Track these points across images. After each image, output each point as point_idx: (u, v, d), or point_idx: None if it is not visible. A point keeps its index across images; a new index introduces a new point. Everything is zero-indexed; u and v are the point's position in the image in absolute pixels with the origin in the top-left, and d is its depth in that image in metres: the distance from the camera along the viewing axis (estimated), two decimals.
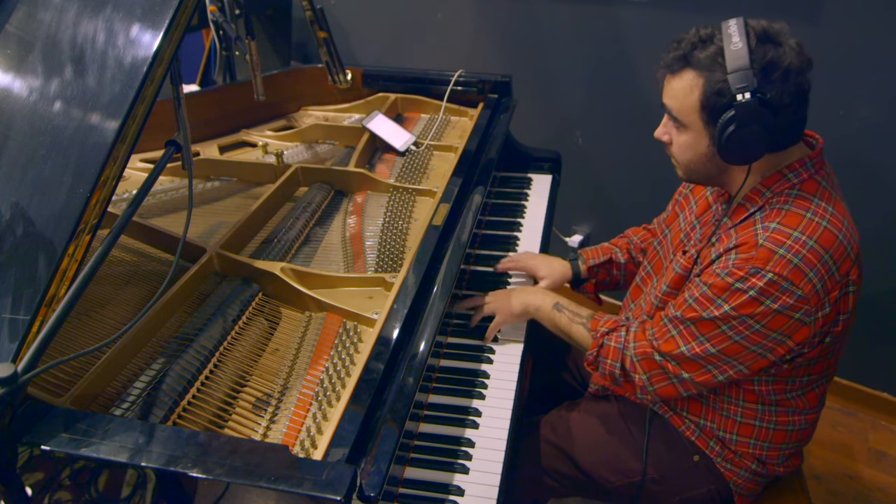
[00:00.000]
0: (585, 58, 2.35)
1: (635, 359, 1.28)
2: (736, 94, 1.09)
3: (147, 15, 1.02)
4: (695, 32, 1.16)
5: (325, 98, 2.13)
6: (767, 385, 1.28)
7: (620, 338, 1.32)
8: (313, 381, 1.17)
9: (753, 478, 1.37)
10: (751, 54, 1.08)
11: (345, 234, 1.56)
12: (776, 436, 1.33)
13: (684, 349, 1.21)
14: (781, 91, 1.09)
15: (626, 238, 1.70)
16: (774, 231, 1.13)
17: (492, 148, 1.79)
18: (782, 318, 1.13)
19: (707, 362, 1.21)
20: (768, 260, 1.11)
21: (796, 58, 1.10)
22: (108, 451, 0.89)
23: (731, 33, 1.10)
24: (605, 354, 1.33)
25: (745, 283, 1.12)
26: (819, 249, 1.11)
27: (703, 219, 1.36)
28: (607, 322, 1.36)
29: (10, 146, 1.07)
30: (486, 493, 1.17)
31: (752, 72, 1.07)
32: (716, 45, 1.12)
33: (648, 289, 1.48)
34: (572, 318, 1.40)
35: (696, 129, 1.17)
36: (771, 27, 1.12)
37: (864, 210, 2.02)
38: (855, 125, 1.95)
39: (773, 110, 1.09)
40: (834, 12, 1.87)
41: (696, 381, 1.23)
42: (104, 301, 1.30)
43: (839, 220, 1.14)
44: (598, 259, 1.66)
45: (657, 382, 1.27)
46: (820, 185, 1.18)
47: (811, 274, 1.11)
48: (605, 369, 1.33)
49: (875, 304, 2.12)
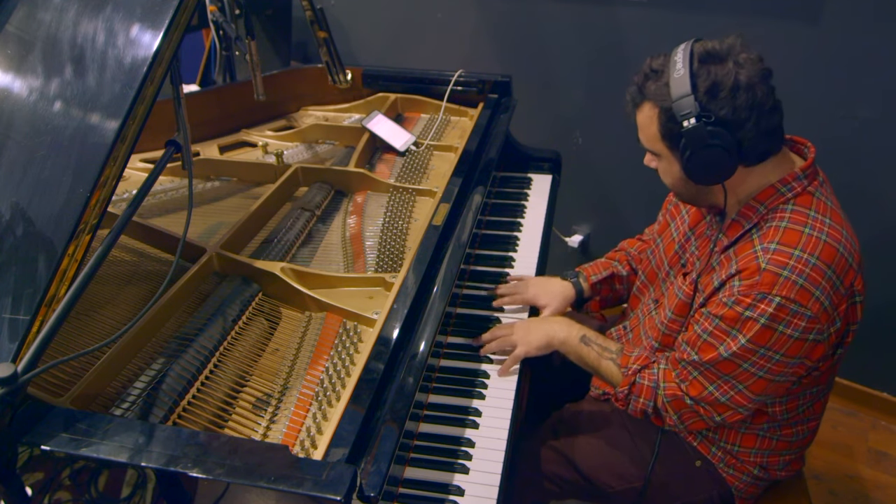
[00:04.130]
0: (585, 58, 2.35)
1: (666, 400, 1.25)
2: (682, 120, 1.10)
3: (147, 15, 1.02)
4: (648, 64, 1.18)
5: (325, 98, 2.13)
6: (781, 405, 1.27)
7: (654, 376, 1.28)
8: (313, 381, 1.17)
9: (755, 482, 1.37)
10: (693, 79, 1.09)
11: (345, 234, 1.56)
12: (779, 445, 1.33)
13: (712, 389, 1.19)
14: (733, 108, 1.09)
15: (622, 251, 1.66)
16: (775, 252, 1.11)
17: (492, 148, 1.79)
18: (798, 343, 1.11)
19: (738, 404, 1.19)
20: (773, 284, 1.09)
21: (746, 72, 1.09)
22: (108, 451, 0.89)
23: (676, 60, 1.12)
24: (638, 393, 1.29)
25: (755, 311, 1.10)
26: (822, 266, 1.09)
27: (698, 230, 1.35)
28: (638, 359, 1.31)
29: (10, 146, 1.07)
30: (486, 493, 1.17)
31: (693, 97, 1.08)
32: (665, 74, 1.13)
33: (646, 299, 1.48)
34: (601, 354, 1.35)
35: (667, 157, 1.20)
36: (716, 47, 1.12)
37: (864, 210, 2.03)
38: (855, 125, 1.95)
39: (729, 128, 1.09)
40: (834, 12, 1.87)
41: (728, 421, 1.23)
42: (104, 301, 1.30)
43: (838, 232, 1.13)
44: (600, 275, 1.61)
45: (688, 421, 1.25)
46: (814, 196, 1.16)
47: (818, 292, 1.09)
48: (637, 407, 1.29)
49: (875, 305, 2.11)
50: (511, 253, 1.73)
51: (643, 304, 1.48)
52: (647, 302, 1.46)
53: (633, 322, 1.50)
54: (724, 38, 1.13)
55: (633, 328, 1.51)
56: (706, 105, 1.09)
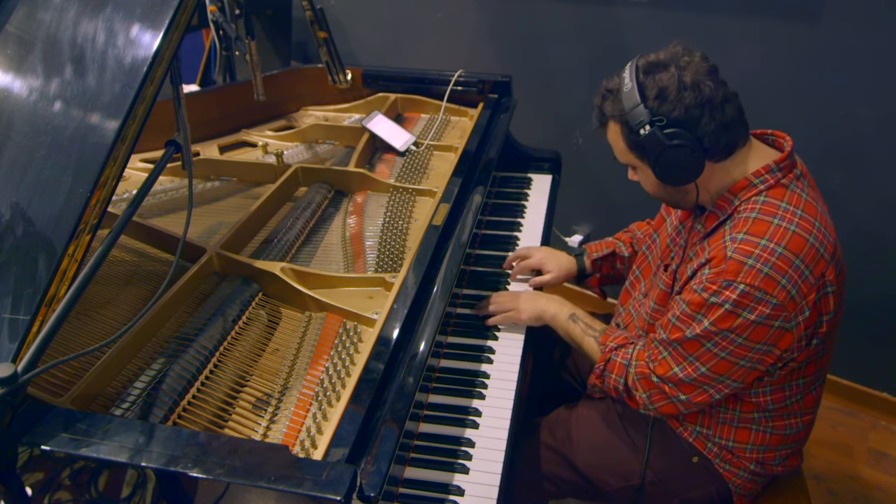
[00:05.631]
0: (585, 58, 2.35)
1: (636, 377, 1.30)
2: (638, 129, 1.16)
3: (147, 15, 1.02)
4: (603, 86, 1.25)
5: (325, 98, 2.14)
6: (766, 396, 1.28)
7: (627, 354, 1.33)
8: (313, 381, 1.17)
9: (752, 478, 1.37)
10: (640, 89, 1.16)
11: (345, 234, 1.56)
12: (773, 439, 1.33)
13: (677, 370, 1.23)
14: (684, 107, 1.14)
15: (629, 232, 1.71)
16: (742, 242, 1.14)
17: (492, 148, 1.79)
18: (762, 329, 1.14)
19: (701, 383, 1.23)
20: (738, 272, 1.12)
21: (689, 72, 1.15)
22: (108, 451, 0.89)
23: (625, 76, 1.19)
24: (611, 370, 1.34)
25: (720, 297, 1.14)
26: (789, 255, 1.12)
27: (687, 224, 1.38)
28: (617, 338, 1.37)
29: (10, 146, 1.07)
30: (486, 493, 1.17)
31: (643, 105, 1.15)
32: (619, 91, 1.20)
33: (637, 294, 1.50)
34: (585, 330, 1.42)
35: (641, 167, 1.26)
36: (658, 57, 1.18)
37: (864, 210, 2.03)
38: (855, 125, 1.95)
39: (685, 126, 1.15)
40: (834, 12, 1.87)
41: (693, 401, 1.25)
42: (104, 301, 1.30)
43: (809, 223, 1.15)
44: (601, 252, 1.67)
45: (657, 402, 1.28)
46: (788, 188, 1.19)
47: (783, 280, 1.11)
48: (610, 384, 1.34)
49: (874, 305, 2.12)
50: (511, 253, 1.73)
51: (633, 299, 1.51)
52: (638, 297, 1.48)
53: (626, 318, 1.51)
54: (667, 48, 1.20)
55: (626, 325, 1.51)
56: (657, 110, 1.15)
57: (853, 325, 1.23)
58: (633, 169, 1.29)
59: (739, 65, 1.96)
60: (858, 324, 2.09)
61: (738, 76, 1.28)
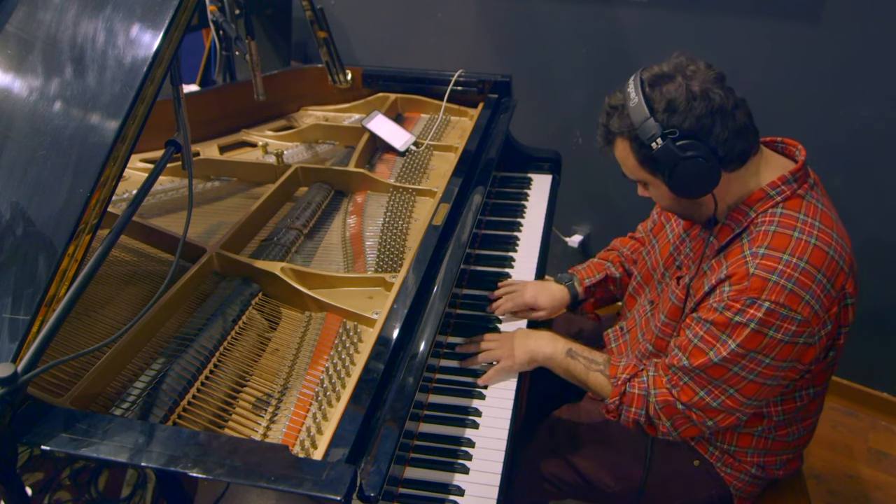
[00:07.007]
0: (585, 58, 2.35)
1: (658, 407, 1.25)
2: (650, 144, 1.12)
3: (147, 15, 1.02)
4: (607, 103, 1.21)
5: (325, 98, 2.13)
6: (776, 406, 1.27)
7: (644, 384, 1.28)
8: (313, 381, 1.17)
9: (753, 481, 1.37)
10: (648, 102, 1.12)
11: (345, 234, 1.56)
12: (775, 445, 1.33)
13: (703, 394, 1.20)
14: (695, 117, 1.11)
15: (615, 251, 1.67)
16: (764, 257, 1.12)
17: (492, 148, 1.79)
18: (789, 347, 1.12)
19: (729, 407, 1.19)
20: (763, 289, 1.10)
21: (697, 81, 1.12)
22: (108, 451, 0.89)
23: (630, 91, 1.15)
24: (629, 403, 1.28)
25: (745, 316, 1.11)
26: (811, 270, 1.10)
27: (692, 232, 1.35)
28: (627, 368, 1.31)
29: (10, 146, 1.07)
30: (486, 493, 1.17)
31: (653, 118, 1.12)
32: (625, 107, 1.16)
33: (642, 300, 1.48)
34: (588, 366, 1.35)
35: (653, 182, 1.21)
36: (663, 69, 1.15)
37: (865, 210, 2.03)
38: (855, 126, 1.95)
39: (698, 137, 1.11)
40: (834, 12, 1.87)
41: (720, 425, 1.23)
42: (104, 301, 1.30)
43: (828, 235, 1.13)
44: (594, 278, 1.62)
45: (681, 427, 1.25)
46: (804, 199, 1.17)
47: (808, 296, 1.09)
48: (629, 417, 1.29)
49: (875, 305, 2.12)
50: (511, 253, 1.73)
51: (639, 304, 1.48)
52: (644, 303, 1.46)
53: (630, 323, 1.50)
54: (669, 60, 1.17)
55: (629, 329, 1.51)
56: (668, 122, 1.12)
57: (853, 326, 1.22)
58: (643, 185, 1.25)
59: (739, 65, 1.96)
60: (859, 324, 2.07)
61: (738, 76, 1.28)
